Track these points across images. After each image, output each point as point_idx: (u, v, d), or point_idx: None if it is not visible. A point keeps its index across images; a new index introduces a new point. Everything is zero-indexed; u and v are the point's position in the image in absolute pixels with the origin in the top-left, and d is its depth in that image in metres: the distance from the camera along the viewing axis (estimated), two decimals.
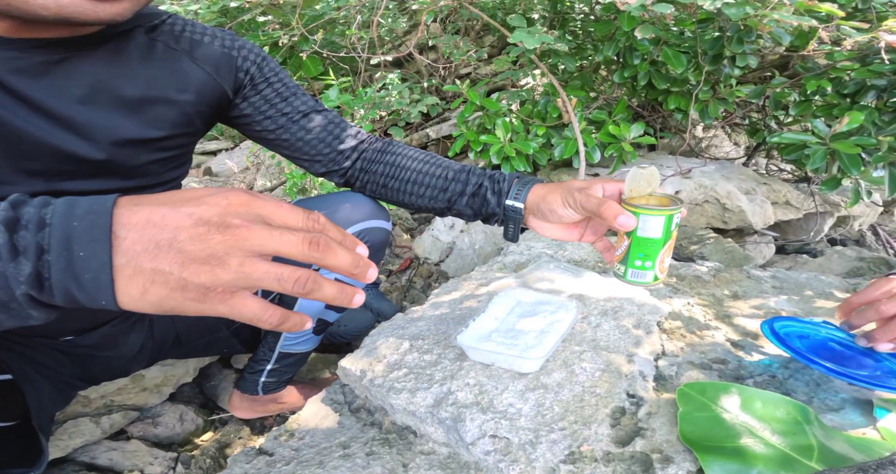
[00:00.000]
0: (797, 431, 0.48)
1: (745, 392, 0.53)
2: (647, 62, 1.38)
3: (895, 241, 1.71)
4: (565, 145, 1.38)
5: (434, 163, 0.73)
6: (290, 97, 0.70)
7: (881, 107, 1.22)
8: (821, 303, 0.89)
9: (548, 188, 0.63)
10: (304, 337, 0.85)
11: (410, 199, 0.73)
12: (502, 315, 0.71)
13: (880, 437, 0.49)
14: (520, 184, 0.66)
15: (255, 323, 0.34)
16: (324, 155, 0.73)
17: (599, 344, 0.68)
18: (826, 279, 1.00)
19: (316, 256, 0.34)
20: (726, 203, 1.38)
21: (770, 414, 0.50)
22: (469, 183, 0.69)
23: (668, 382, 0.62)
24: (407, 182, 0.73)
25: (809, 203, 1.50)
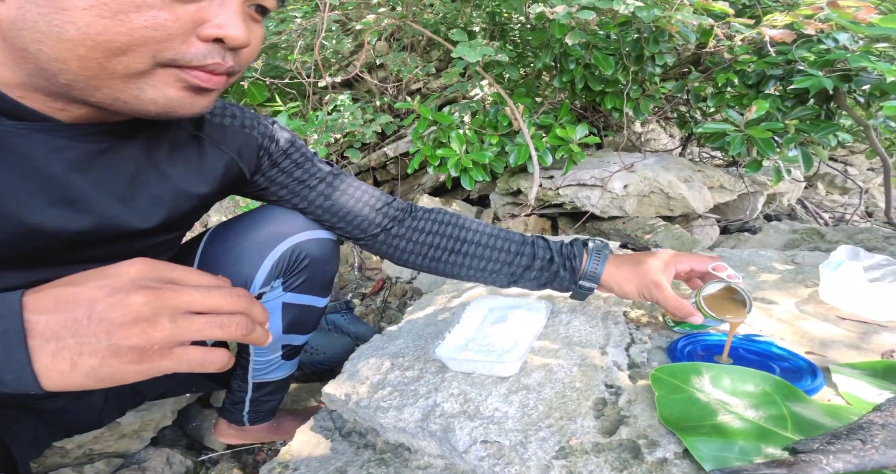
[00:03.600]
0: (769, 403, 0.48)
1: (713, 369, 0.53)
2: (582, 66, 1.42)
3: (822, 212, 1.82)
4: (518, 152, 1.38)
5: (495, 234, 0.67)
6: (307, 163, 0.64)
7: (782, 94, 1.31)
8: (765, 277, 0.92)
9: (622, 272, 0.62)
10: (275, 364, 0.79)
11: (468, 273, 0.67)
12: (477, 323, 0.70)
13: (845, 402, 0.50)
14: (595, 259, 0.63)
15: (203, 369, 0.33)
16: (346, 221, 0.66)
17: (573, 339, 0.67)
18: (766, 253, 1.04)
19: (244, 306, 0.34)
20: (669, 192, 1.42)
21: (740, 388, 0.50)
22: (536, 256, 0.65)
23: (641, 369, 0.61)
24: (466, 256, 0.66)
25: (741, 185, 1.57)
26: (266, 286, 0.67)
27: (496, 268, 0.65)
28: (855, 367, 0.56)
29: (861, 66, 1.10)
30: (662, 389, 0.52)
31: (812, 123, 1.26)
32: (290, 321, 0.73)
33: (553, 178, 1.52)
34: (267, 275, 0.66)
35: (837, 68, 1.18)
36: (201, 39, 0.39)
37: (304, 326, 0.76)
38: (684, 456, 0.45)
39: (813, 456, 0.39)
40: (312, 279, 0.70)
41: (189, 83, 0.40)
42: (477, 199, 1.99)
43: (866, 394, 0.50)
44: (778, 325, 0.71)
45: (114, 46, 0.36)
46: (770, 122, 1.22)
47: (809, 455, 0.39)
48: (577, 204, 1.47)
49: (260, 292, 0.67)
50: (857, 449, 0.37)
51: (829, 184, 2.28)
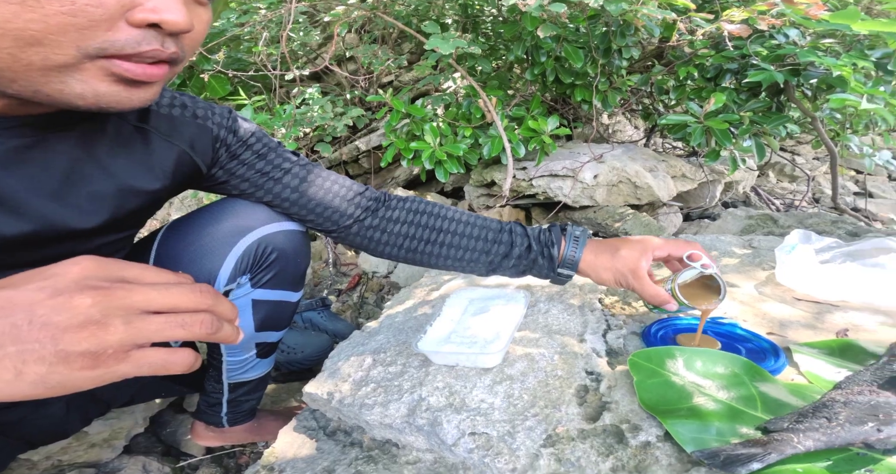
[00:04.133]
0: (738, 384, 0.50)
1: (685, 352, 0.55)
2: (553, 59, 1.42)
3: (774, 199, 1.91)
4: (492, 143, 1.38)
5: (472, 223, 0.65)
6: (270, 154, 0.60)
7: (738, 87, 1.37)
8: (726, 261, 0.95)
9: (600, 260, 0.62)
10: (249, 363, 0.76)
11: (445, 263, 0.66)
12: (457, 316, 0.69)
13: (807, 381, 0.52)
14: (573, 246, 0.63)
15: (166, 371, 0.31)
16: (317, 214, 0.63)
17: (552, 328, 0.68)
18: (725, 238, 1.08)
19: (209, 302, 0.32)
20: (636, 181, 1.46)
21: (711, 371, 0.52)
22: (514, 244, 0.64)
23: (619, 354, 0.63)
24: (443, 245, 0.64)
25: (701, 174, 1.63)
26: (232, 283, 0.64)
27: (474, 257, 0.65)
28: (813, 346, 0.59)
29: (809, 61, 1.15)
30: (640, 374, 0.53)
31: (764, 115, 1.32)
32: (263, 318, 0.70)
33: (526, 170, 1.53)
34: (232, 272, 0.62)
35: (788, 63, 1.24)
36: (132, 25, 0.34)
37: (277, 323, 0.74)
38: (666, 439, 0.46)
39: (784, 434, 0.41)
40: (283, 273, 0.67)
41: (121, 76, 0.36)
42: (451, 192, 1.98)
43: (825, 373, 0.52)
44: (740, 307, 0.74)
45: (26, 35, 0.32)
46: (727, 114, 1.27)
47: (781, 434, 0.40)
48: (550, 194, 1.49)
49: (226, 289, 0.64)
50: (824, 427, 0.39)
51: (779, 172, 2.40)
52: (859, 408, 0.40)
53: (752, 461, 0.39)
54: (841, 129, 1.53)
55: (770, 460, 0.38)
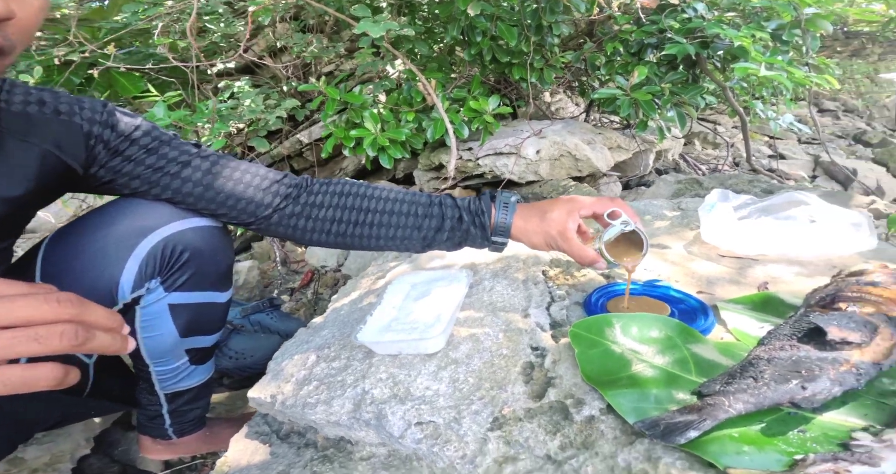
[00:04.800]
0: (672, 347, 0.47)
1: (621, 319, 0.52)
2: (488, 38, 1.35)
3: (700, 165, 1.96)
4: (435, 126, 1.31)
5: (400, 199, 0.59)
6: (162, 148, 0.51)
7: (658, 60, 1.37)
8: (658, 224, 0.95)
9: (530, 224, 0.58)
10: (183, 371, 0.67)
11: (378, 243, 0.59)
12: (399, 302, 0.64)
13: (735, 339, 0.51)
14: (503, 212, 0.58)
15: (31, 388, 0.26)
16: (228, 207, 0.55)
17: (497, 305, 0.64)
18: (657, 203, 1.08)
19: (71, 312, 0.27)
20: (576, 154, 1.43)
21: (647, 336, 0.50)
22: (445, 217, 0.58)
23: (562, 326, 0.59)
24: (373, 226, 0.58)
25: (634, 144, 1.63)
26: (140, 289, 0.55)
27: (407, 234, 0.59)
28: (738, 302, 0.58)
29: (715, 33, 1.15)
30: (581, 345, 0.50)
31: (683, 86, 1.32)
32: (187, 323, 0.62)
33: (472, 150, 1.47)
34: (137, 277, 0.54)
35: (698, 36, 1.23)
36: None
37: (207, 326, 0.65)
38: (608, 412, 0.43)
39: (716, 398, 0.38)
40: (200, 273, 0.59)
41: None
42: (403, 178, 1.90)
43: (750, 329, 0.51)
44: (671, 268, 0.72)
45: None
46: (650, 87, 1.27)
47: (713, 398, 0.38)
48: (497, 172, 1.45)
49: (135, 296, 0.55)
50: (752, 387, 0.37)
51: (703, 140, 2.47)
52: (782, 365, 0.38)
53: (688, 429, 0.36)
54: (749, 97, 1.57)
55: (705, 427, 0.36)
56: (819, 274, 0.64)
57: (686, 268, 0.72)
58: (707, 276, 0.68)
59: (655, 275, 0.70)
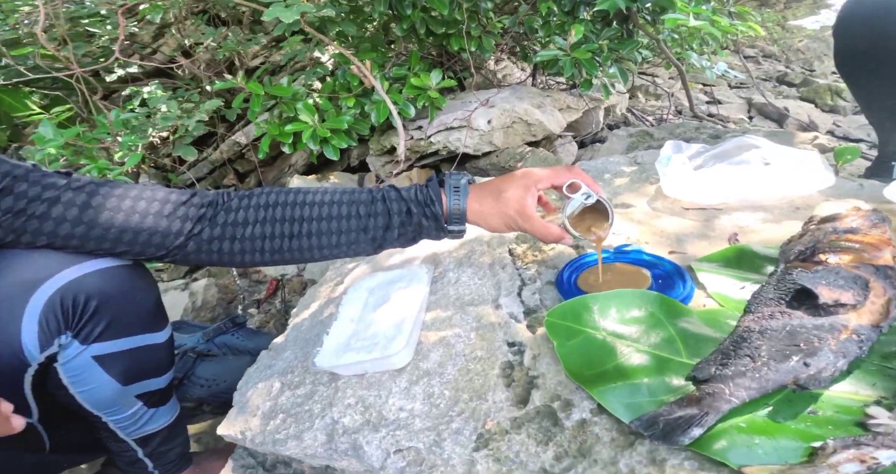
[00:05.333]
0: (656, 325, 0.41)
1: (598, 300, 0.45)
2: (419, 10, 1.21)
3: (647, 116, 1.92)
4: (377, 109, 1.18)
5: (337, 201, 0.49)
6: (17, 185, 0.39)
7: (593, 18, 1.28)
8: (618, 182, 0.88)
9: (485, 207, 0.49)
10: (143, 417, 0.57)
11: (322, 253, 0.49)
12: (356, 313, 0.55)
13: (718, 304, 0.45)
14: (454, 198, 0.49)
15: None
16: (126, 243, 0.44)
17: (464, 299, 0.56)
18: (613, 159, 1.02)
19: None
20: (528, 119, 1.35)
21: (627, 315, 0.43)
22: (392, 213, 0.48)
23: (538, 313, 0.52)
24: (311, 236, 0.48)
25: (582, 103, 1.56)
26: (50, 347, 0.44)
27: (353, 239, 0.50)
28: (711, 260, 0.52)
29: None
30: (559, 336, 0.43)
31: (619, 42, 1.25)
32: (125, 371, 0.51)
33: (422, 128, 1.36)
34: (40, 336, 0.43)
35: None
36: None
37: (150, 369, 0.55)
38: (601, 412, 0.37)
39: (715, 386, 0.32)
40: (120, 319, 0.48)
41: None
42: (358, 166, 1.76)
43: (731, 291, 0.45)
44: (638, 228, 0.66)
45: None
46: (588, 45, 1.20)
47: (711, 386, 0.32)
48: (451, 147, 1.34)
49: (48, 354, 0.45)
50: (751, 369, 0.31)
51: (645, 92, 2.44)
52: (777, 338, 0.33)
53: (691, 426, 0.30)
54: (682, 49, 1.51)
55: (709, 422, 0.30)
56: (786, 218, 0.60)
57: (653, 226, 0.66)
58: (676, 233, 0.63)
59: (624, 237, 0.64)
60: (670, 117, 1.87)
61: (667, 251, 0.58)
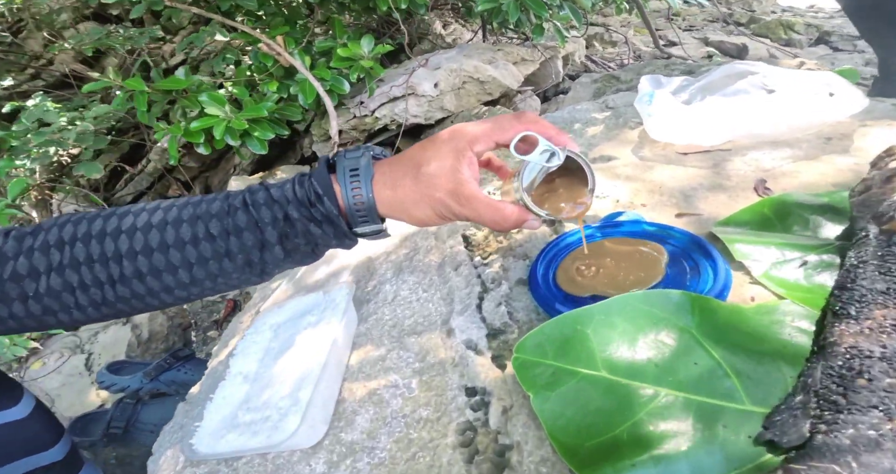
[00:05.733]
0: (690, 348, 0.24)
1: (591, 316, 0.28)
2: None
3: (607, 63, 1.73)
4: (302, 90, 0.96)
5: (176, 219, 0.30)
6: None
7: None
8: (592, 131, 0.70)
9: (403, 192, 0.30)
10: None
11: (174, 297, 0.31)
12: (252, 366, 0.37)
13: (774, 295, 0.28)
14: (352, 188, 0.30)
15: None
16: None
17: (403, 326, 0.39)
18: (581, 107, 0.83)
19: None
20: (479, 77, 1.14)
21: (642, 336, 0.26)
22: (262, 223, 0.30)
23: (506, 335, 0.35)
24: (142, 277, 0.30)
25: (537, 53, 1.35)
26: None
27: (214, 270, 0.31)
28: (739, 221, 0.35)
29: None
30: (536, 383, 0.26)
31: None
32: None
33: (363, 103, 1.14)
34: None
35: None
36: None
37: (19, 449, 0.41)
38: None
39: (820, 467, 0.16)
40: None
41: None
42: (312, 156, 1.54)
43: (787, 271, 0.29)
44: (628, 186, 0.49)
45: None
46: None
47: (812, 464, 0.15)
48: (399, 119, 1.14)
49: None
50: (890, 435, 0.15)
51: (601, 41, 2.24)
52: None
53: None
54: None
55: None
56: (820, 152, 0.43)
57: (646, 181, 0.49)
58: (679, 188, 0.45)
59: (612, 202, 0.47)
60: (631, 61, 1.68)
61: (672, 214, 0.41)
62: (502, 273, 0.41)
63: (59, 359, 1.04)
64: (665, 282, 0.31)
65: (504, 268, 0.41)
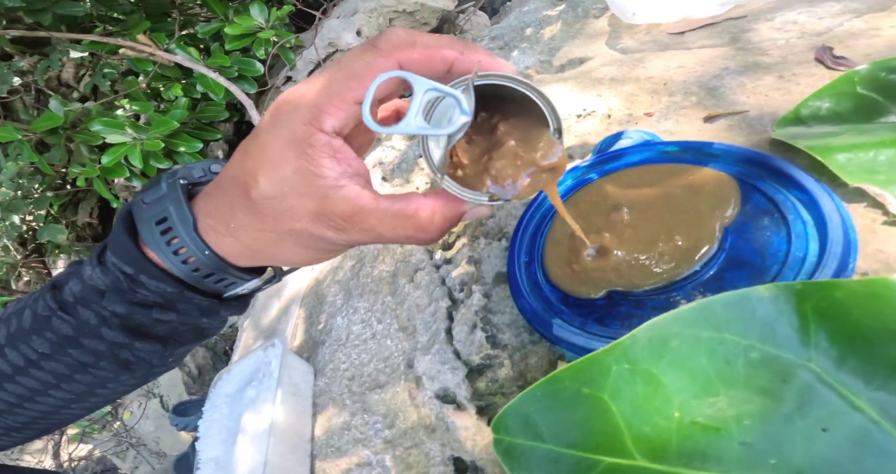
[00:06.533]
0: (814, 404, 0.12)
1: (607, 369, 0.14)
2: None
3: None
4: (206, 85, 0.78)
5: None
6: None
7: None
8: (549, 31, 0.52)
9: (244, 233, 0.16)
10: None
11: (79, 412, 0.21)
12: (220, 450, 0.28)
13: None
14: (175, 255, 0.16)
15: None
16: None
17: (363, 377, 0.27)
18: (528, 8, 0.62)
19: None
20: (405, 8, 0.91)
21: (720, 394, 0.13)
22: (94, 326, 0.17)
23: (493, 370, 0.22)
24: (30, 400, 0.19)
25: None
26: None
27: (93, 381, 0.19)
28: (818, 115, 0.21)
29: None
30: (523, 468, 0.15)
31: None
32: None
33: (291, 78, 0.95)
34: None
35: None
36: None
37: None
38: None
39: None
40: None
41: None
42: None
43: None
44: (619, 91, 0.33)
45: None
46: None
47: None
48: None
49: None
50: None
51: None
52: None
53: None
54: None
55: None
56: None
57: (642, 79, 0.33)
58: (696, 78, 0.29)
59: (601, 120, 0.32)
60: None
61: (699, 119, 0.26)
62: (473, 270, 0.28)
63: (140, 407, 1.03)
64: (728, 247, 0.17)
65: (474, 260, 0.29)
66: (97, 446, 1.06)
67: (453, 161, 0.17)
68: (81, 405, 0.21)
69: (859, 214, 0.17)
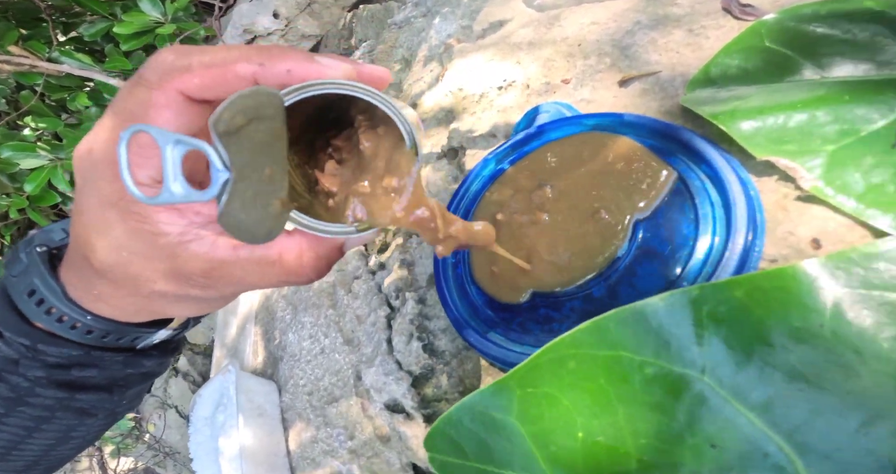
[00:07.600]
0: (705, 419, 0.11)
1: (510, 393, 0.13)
2: None
3: None
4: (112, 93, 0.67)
5: None
6: None
7: None
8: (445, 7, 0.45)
9: (116, 302, 0.13)
10: None
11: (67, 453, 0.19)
12: (216, 470, 0.28)
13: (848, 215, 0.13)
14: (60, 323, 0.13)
15: None
16: None
17: (321, 392, 0.25)
18: None
19: None
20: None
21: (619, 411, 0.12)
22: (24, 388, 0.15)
23: (435, 378, 0.21)
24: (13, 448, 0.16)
25: None
26: None
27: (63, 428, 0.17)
28: (728, 73, 0.18)
29: None
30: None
31: None
32: None
33: None
34: None
35: None
36: None
37: None
38: None
39: None
40: None
41: None
42: None
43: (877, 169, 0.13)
44: (536, 56, 0.29)
45: None
46: None
47: None
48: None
49: None
50: None
51: None
52: None
53: None
54: None
55: None
56: None
57: (558, 41, 0.29)
58: (609, 37, 0.26)
59: (520, 92, 0.28)
60: None
61: (613, 83, 0.23)
62: (406, 274, 0.26)
63: (160, 418, 1.03)
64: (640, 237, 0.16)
65: (407, 263, 0.26)
66: (138, 458, 1.06)
67: (320, 190, 0.14)
68: (67, 446, 0.19)
69: (770, 190, 0.15)
